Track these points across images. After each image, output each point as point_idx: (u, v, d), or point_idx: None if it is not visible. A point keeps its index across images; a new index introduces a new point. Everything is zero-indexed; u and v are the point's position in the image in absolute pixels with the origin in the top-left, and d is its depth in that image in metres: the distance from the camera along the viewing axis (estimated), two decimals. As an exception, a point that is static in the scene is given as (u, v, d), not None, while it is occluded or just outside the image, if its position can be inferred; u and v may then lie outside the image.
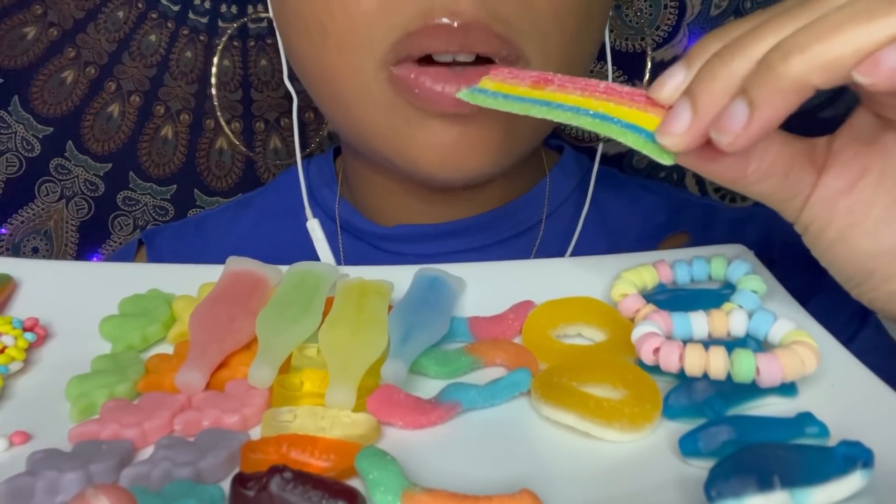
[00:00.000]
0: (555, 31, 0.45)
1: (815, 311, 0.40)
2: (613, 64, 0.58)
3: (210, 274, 0.43)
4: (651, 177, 0.71)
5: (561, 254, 0.55)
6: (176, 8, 0.71)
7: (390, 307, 0.40)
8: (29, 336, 0.40)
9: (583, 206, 0.56)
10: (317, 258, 0.53)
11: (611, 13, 0.53)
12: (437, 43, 0.43)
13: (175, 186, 0.74)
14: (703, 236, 0.57)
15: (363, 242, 0.56)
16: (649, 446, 0.32)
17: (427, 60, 0.45)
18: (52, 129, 0.71)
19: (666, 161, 0.32)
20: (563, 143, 0.62)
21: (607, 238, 0.56)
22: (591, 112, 0.33)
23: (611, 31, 0.68)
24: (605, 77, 0.57)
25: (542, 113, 0.35)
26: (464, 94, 0.40)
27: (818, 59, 0.28)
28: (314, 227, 0.54)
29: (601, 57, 0.57)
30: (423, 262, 0.54)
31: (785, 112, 0.29)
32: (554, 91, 0.35)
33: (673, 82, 0.32)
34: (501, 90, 0.38)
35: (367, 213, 0.57)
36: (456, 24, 0.42)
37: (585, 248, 0.55)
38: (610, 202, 0.58)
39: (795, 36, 0.29)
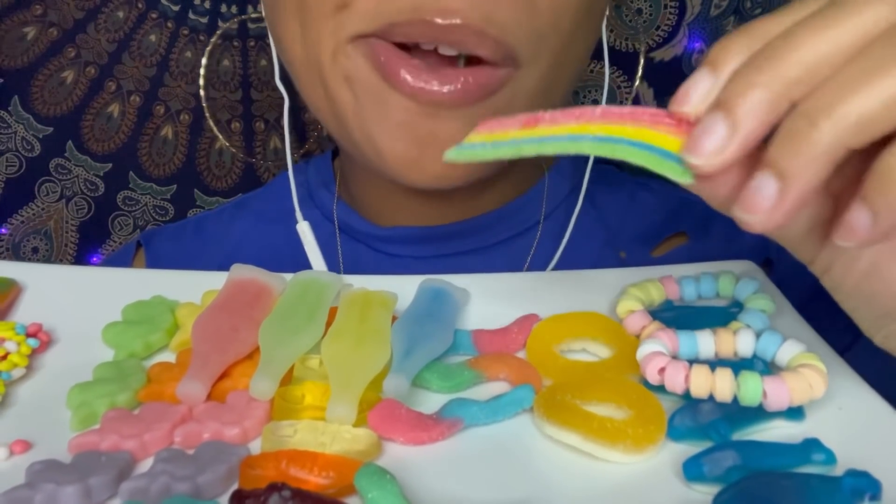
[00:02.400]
0: (551, 33, 0.44)
1: (814, 316, 0.40)
2: (612, 64, 0.57)
3: (214, 281, 0.43)
4: (650, 175, 0.70)
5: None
6: (176, 8, 0.70)
7: (394, 318, 0.40)
8: (32, 342, 0.39)
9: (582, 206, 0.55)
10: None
11: (610, 13, 0.52)
12: (420, 34, 0.42)
13: (175, 186, 0.73)
14: (702, 236, 0.56)
15: (361, 244, 0.56)
16: (653, 469, 0.32)
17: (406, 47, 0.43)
18: (52, 129, 0.70)
19: (685, 180, 0.29)
20: None
21: (605, 238, 0.56)
22: (590, 136, 0.30)
23: (610, 30, 0.68)
24: (603, 76, 0.56)
25: (534, 149, 0.31)
26: (451, 154, 0.33)
27: (848, 120, 0.25)
28: (304, 230, 0.53)
29: (599, 56, 0.56)
30: (421, 263, 0.54)
31: (819, 179, 0.26)
32: (546, 126, 0.32)
33: (699, 90, 0.28)
34: (490, 140, 0.33)
35: (365, 214, 0.56)
36: (447, 23, 0.41)
37: (582, 249, 0.54)
38: (608, 202, 0.57)
39: (820, 95, 0.25)
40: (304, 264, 0.52)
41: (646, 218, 0.57)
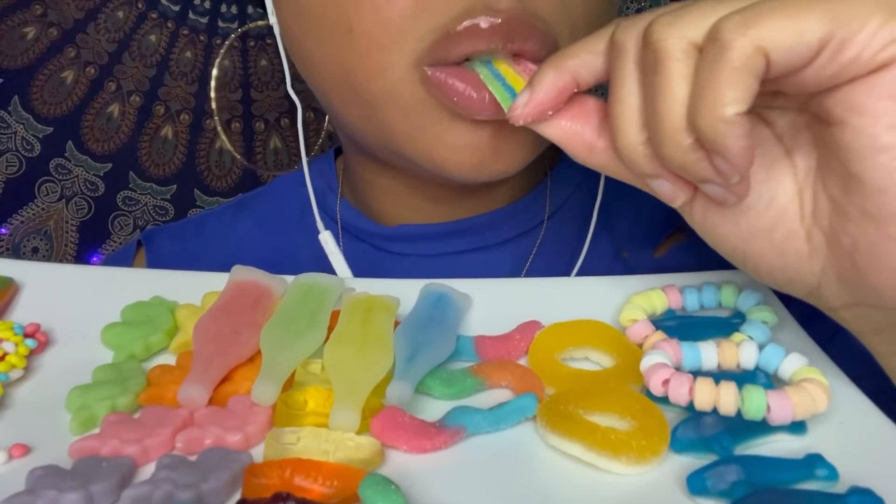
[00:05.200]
0: (582, 23, 0.44)
1: (798, 311, 0.40)
2: None
3: (214, 282, 0.43)
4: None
5: (562, 255, 0.55)
6: (176, 8, 0.70)
7: (397, 323, 0.40)
8: (30, 342, 0.39)
9: (583, 205, 0.55)
10: (325, 266, 0.53)
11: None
12: (479, 43, 0.42)
13: (175, 186, 0.73)
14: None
15: (365, 244, 0.56)
16: (655, 481, 0.32)
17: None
18: (52, 129, 0.70)
19: (505, 107, 0.39)
20: None
21: (608, 238, 0.56)
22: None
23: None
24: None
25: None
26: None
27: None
28: (327, 239, 0.53)
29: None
30: (425, 262, 0.54)
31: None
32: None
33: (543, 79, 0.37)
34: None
35: (369, 214, 0.56)
36: (498, 21, 0.41)
37: (590, 250, 0.54)
38: (612, 201, 0.57)
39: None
40: (309, 270, 0.51)
41: (647, 217, 0.57)
